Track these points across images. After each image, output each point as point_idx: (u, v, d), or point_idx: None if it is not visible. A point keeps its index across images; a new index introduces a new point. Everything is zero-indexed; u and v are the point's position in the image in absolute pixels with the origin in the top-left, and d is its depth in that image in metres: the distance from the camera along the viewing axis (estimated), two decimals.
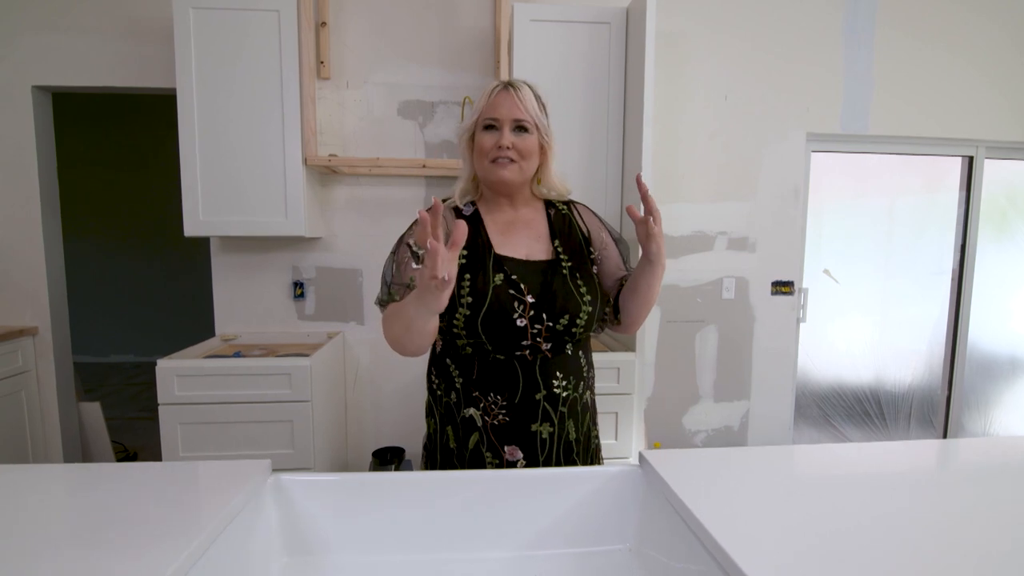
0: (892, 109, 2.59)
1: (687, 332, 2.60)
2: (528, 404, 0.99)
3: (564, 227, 1.07)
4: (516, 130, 0.99)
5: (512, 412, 1.00)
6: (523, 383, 0.99)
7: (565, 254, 1.03)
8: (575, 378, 1.03)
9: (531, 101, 0.99)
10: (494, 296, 0.96)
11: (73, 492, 0.84)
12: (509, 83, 1.00)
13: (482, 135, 0.99)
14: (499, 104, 0.98)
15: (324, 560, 0.91)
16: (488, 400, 1.00)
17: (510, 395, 0.99)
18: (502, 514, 0.94)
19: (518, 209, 1.07)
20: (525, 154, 1.00)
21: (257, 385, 1.85)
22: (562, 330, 0.98)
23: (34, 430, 2.29)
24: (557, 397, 1.01)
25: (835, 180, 2.74)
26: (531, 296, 0.97)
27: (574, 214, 1.11)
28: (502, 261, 1.00)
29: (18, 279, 2.29)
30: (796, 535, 0.70)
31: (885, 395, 2.91)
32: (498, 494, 0.95)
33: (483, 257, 1.00)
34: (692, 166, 2.52)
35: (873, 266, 2.80)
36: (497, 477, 0.96)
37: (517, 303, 0.96)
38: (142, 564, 0.63)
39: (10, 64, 2.20)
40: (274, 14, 1.97)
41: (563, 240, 1.05)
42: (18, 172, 2.25)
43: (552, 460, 1.03)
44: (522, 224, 1.06)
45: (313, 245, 2.36)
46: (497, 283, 0.97)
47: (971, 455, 1.06)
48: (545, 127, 1.01)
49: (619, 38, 2.07)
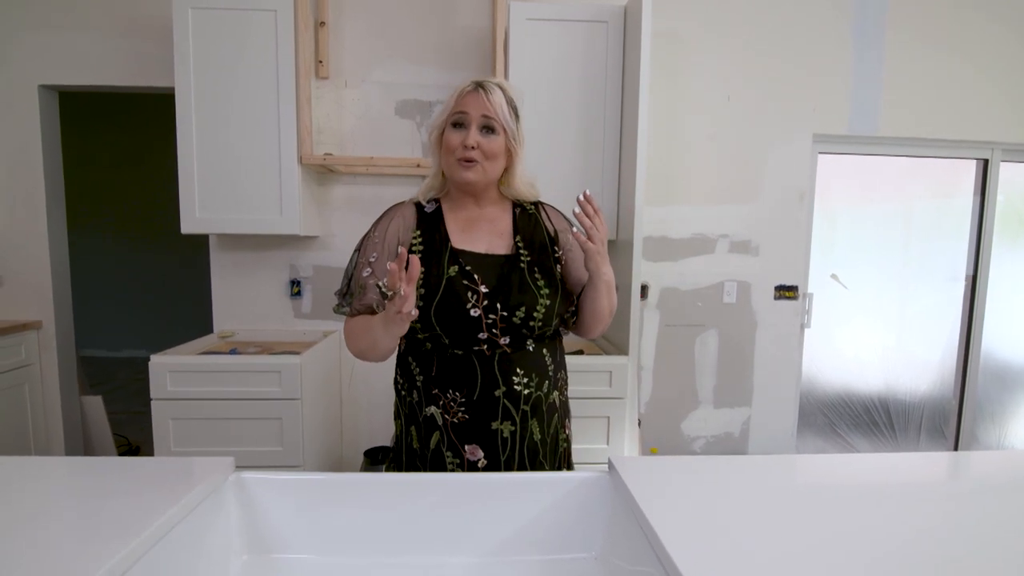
0: (903, 110, 2.52)
1: (687, 336, 2.56)
2: (487, 401, 0.99)
3: (528, 225, 1.07)
4: (483, 130, 0.99)
5: (471, 409, 0.99)
6: (481, 379, 0.98)
7: (525, 249, 1.03)
8: (538, 376, 1.02)
9: (500, 103, 0.99)
10: (448, 286, 0.97)
11: (29, 484, 0.84)
12: (480, 83, 1.00)
13: (450, 132, 1.00)
14: (468, 103, 0.99)
15: (284, 559, 0.90)
16: (447, 397, 1.00)
17: (468, 391, 0.99)
18: (467, 518, 0.92)
19: (483, 208, 1.07)
20: (490, 155, 0.99)
21: (247, 382, 1.86)
22: (519, 323, 0.97)
23: (36, 423, 2.34)
24: (518, 395, 0.99)
25: (844, 183, 2.68)
26: (485, 286, 0.97)
27: (541, 214, 1.10)
28: (458, 254, 1.01)
29: (23, 274, 2.34)
30: (758, 551, 0.67)
31: (895, 404, 2.83)
32: (464, 498, 0.93)
33: (439, 251, 1.01)
34: (693, 168, 2.48)
35: (884, 272, 2.73)
36: (463, 480, 0.94)
37: (471, 293, 0.96)
38: (87, 554, 0.62)
39: (16, 63, 2.24)
40: (271, 14, 1.98)
41: (525, 237, 1.05)
42: (24, 170, 2.30)
43: (515, 461, 1.01)
44: (485, 221, 1.06)
45: (310, 244, 2.37)
46: (452, 274, 0.98)
47: (982, 468, 1.00)
48: (513, 131, 1.00)
49: (617, 37, 2.05)
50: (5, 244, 2.32)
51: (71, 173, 2.72)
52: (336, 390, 2.38)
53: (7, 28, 2.24)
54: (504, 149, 1.01)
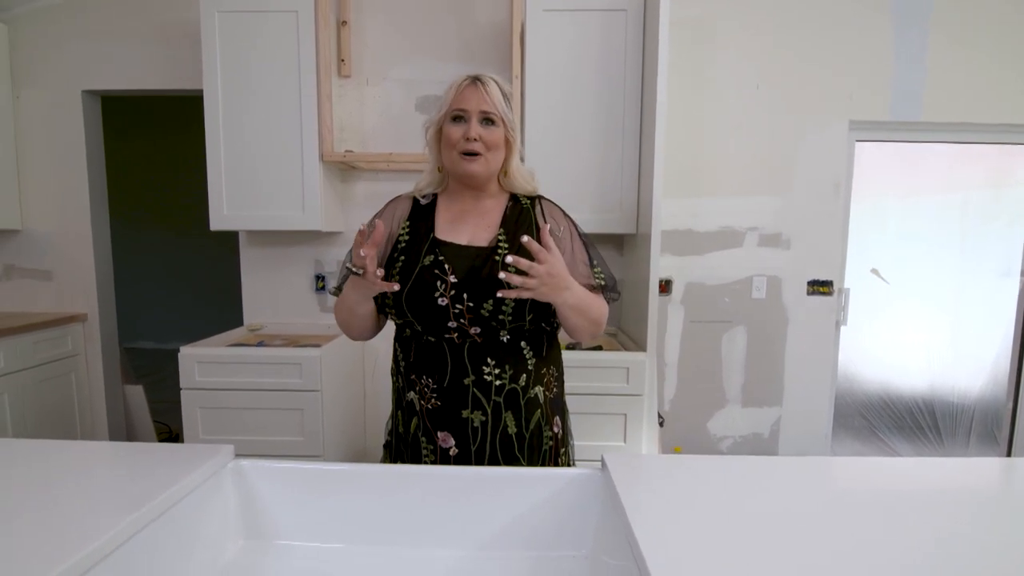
0: (949, 94, 2.36)
1: (713, 333, 2.48)
2: (456, 388, 1.00)
3: (516, 218, 1.06)
4: (483, 122, 1.00)
5: (442, 396, 1.01)
6: (451, 366, 1.00)
7: (507, 243, 1.02)
8: (512, 368, 1.01)
9: (497, 95, 1.01)
10: (419, 274, 0.99)
11: (34, 465, 0.88)
12: (476, 77, 1.02)
13: (450, 127, 1.01)
14: (467, 97, 1.00)
15: (278, 545, 0.92)
16: (422, 383, 1.03)
17: (439, 378, 1.01)
18: (458, 511, 0.92)
19: (480, 200, 1.08)
20: (491, 146, 1.01)
21: (270, 374, 1.92)
22: (487, 316, 0.97)
23: (82, 410, 2.48)
24: (488, 385, 1.00)
25: (885, 172, 2.54)
26: (454, 276, 0.98)
27: (535, 209, 1.08)
28: (437, 244, 1.02)
29: (70, 269, 2.48)
30: (736, 557, 0.64)
31: (941, 406, 2.67)
32: (455, 491, 0.93)
33: (421, 240, 1.03)
34: (720, 158, 2.40)
35: (930, 266, 2.57)
36: (455, 473, 0.94)
37: (440, 283, 0.98)
38: (85, 529, 0.66)
39: (62, 71, 2.38)
40: (292, 14, 2.02)
41: (509, 230, 1.04)
42: (70, 171, 2.44)
43: (486, 452, 1.01)
44: (476, 214, 1.06)
45: (334, 239, 2.42)
46: (425, 263, 1.00)
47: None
48: (511, 120, 1.03)
49: (636, 25, 1.99)
50: (55, 241, 2.47)
51: (123, 175, 2.86)
52: (359, 383, 2.43)
53: (54, 38, 2.38)
54: (503, 140, 1.03)
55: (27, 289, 2.50)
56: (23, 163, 2.44)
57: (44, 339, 2.30)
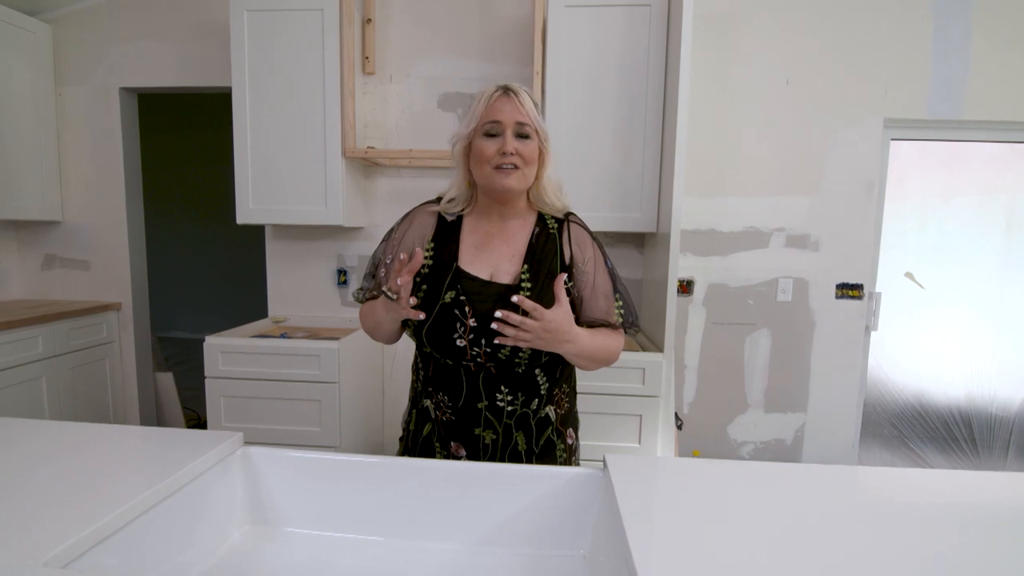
0: (992, 91, 2.25)
1: (736, 335, 2.43)
2: (470, 410, 1.01)
3: (543, 249, 1.01)
4: (517, 136, 0.96)
5: (456, 413, 1.02)
6: (466, 390, 1.00)
7: (530, 281, 0.99)
8: (525, 394, 1.01)
9: (531, 106, 0.97)
10: (440, 312, 0.97)
11: (50, 446, 0.92)
12: (508, 87, 0.98)
13: (482, 141, 0.96)
14: (500, 108, 0.96)
15: (282, 532, 0.94)
16: (438, 397, 1.03)
17: (454, 398, 1.01)
18: (459, 506, 0.93)
19: (507, 220, 1.04)
20: (528, 160, 0.97)
21: (290, 365, 1.96)
22: (504, 360, 0.97)
23: (115, 395, 2.58)
24: (500, 410, 1.00)
25: (922, 173, 2.43)
26: (473, 320, 0.96)
27: (562, 236, 1.03)
28: (461, 277, 0.99)
29: (106, 260, 2.59)
30: (728, 562, 0.62)
31: (979, 417, 2.55)
32: (457, 485, 0.93)
33: (444, 271, 1.00)
34: (746, 157, 2.34)
35: (969, 271, 2.46)
36: (459, 468, 0.95)
37: (459, 324, 0.96)
38: (95, 506, 0.69)
39: (102, 69, 2.48)
40: (318, 13, 2.06)
41: (534, 264, 1.00)
42: (107, 165, 2.54)
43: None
44: (501, 239, 1.03)
45: (356, 234, 2.46)
46: (447, 300, 0.97)
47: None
48: (545, 132, 0.99)
49: (660, 21, 1.96)
50: (93, 233, 2.58)
51: (151, 169, 2.96)
52: (378, 378, 2.46)
53: (94, 38, 2.48)
54: (538, 152, 0.99)
55: (67, 278, 2.62)
56: (64, 158, 2.55)
57: (80, 326, 2.40)
